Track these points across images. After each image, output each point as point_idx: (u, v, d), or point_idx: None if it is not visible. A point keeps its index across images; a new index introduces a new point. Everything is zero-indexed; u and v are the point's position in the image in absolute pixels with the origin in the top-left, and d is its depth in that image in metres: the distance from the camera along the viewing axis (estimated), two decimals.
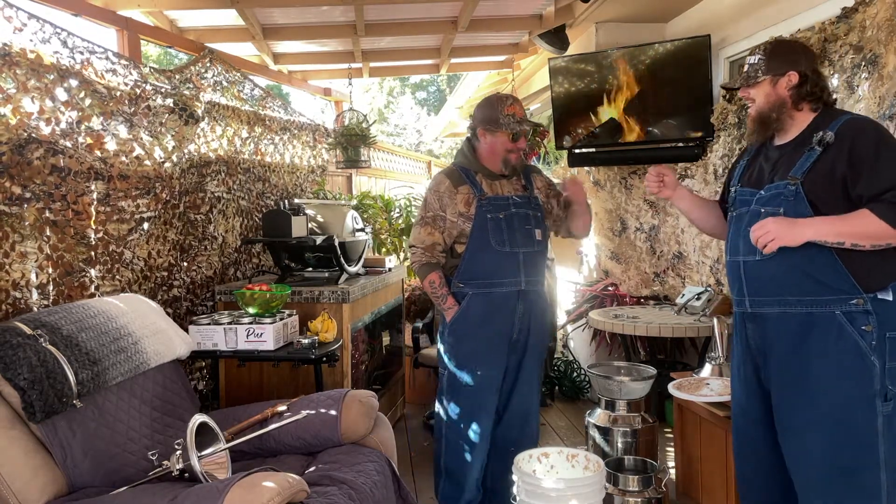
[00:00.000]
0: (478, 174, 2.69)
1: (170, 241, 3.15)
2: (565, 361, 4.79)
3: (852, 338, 1.86)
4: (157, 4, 3.36)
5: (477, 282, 2.63)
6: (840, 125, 1.91)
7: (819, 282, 1.89)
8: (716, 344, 3.01)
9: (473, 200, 2.62)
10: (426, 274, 2.67)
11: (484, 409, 2.66)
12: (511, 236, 2.61)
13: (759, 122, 2.05)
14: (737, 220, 2.09)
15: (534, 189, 2.77)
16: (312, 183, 4.88)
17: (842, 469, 1.89)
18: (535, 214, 2.70)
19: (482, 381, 2.63)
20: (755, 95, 2.05)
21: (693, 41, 3.77)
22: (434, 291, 2.67)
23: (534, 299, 2.70)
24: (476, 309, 2.63)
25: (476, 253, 2.62)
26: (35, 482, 1.81)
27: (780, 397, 2.01)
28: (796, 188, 1.91)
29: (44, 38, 2.43)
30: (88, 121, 2.58)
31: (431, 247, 2.66)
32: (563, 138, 4.30)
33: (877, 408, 1.86)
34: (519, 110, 2.66)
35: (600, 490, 2.30)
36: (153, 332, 2.37)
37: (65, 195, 2.46)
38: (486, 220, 2.60)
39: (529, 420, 2.77)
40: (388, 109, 21.47)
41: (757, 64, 2.03)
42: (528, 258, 2.65)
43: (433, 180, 2.73)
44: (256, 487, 1.62)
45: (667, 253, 4.25)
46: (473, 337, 2.63)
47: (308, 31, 4.10)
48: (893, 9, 2.44)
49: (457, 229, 2.64)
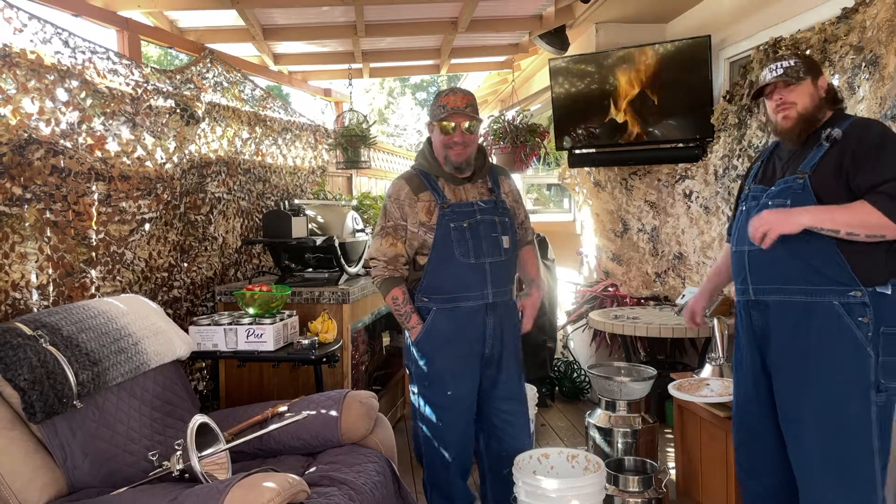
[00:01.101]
0: (439, 178, 2.47)
1: (170, 241, 3.15)
2: (565, 362, 4.78)
3: (849, 328, 1.91)
4: (157, 5, 3.36)
5: (441, 296, 2.41)
6: (848, 124, 1.99)
7: (819, 272, 1.94)
8: (716, 344, 3.00)
9: (435, 209, 2.41)
10: (389, 289, 2.45)
11: (457, 429, 2.49)
12: (477, 246, 2.39)
13: (804, 122, 2.04)
14: (746, 213, 2.15)
15: (501, 192, 2.54)
16: (313, 184, 4.88)
17: (839, 458, 1.94)
18: (502, 220, 2.47)
19: (453, 402, 2.46)
20: (796, 98, 2.03)
21: (693, 42, 3.77)
22: (397, 309, 2.47)
23: (504, 312, 2.50)
24: (441, 325, 2.42)
25: (439, 265, 2.40)
26: (35, 482, 1.81)
27: (780, 384, 2.07)
28: (804, 181, 1.97)
29: (45, 39, 2.43)
30: (90, 121, 2.59)
31: (394, 259, 2.45)
32: (563, 139, 4.30)
33: (871, 398, 1.91)
34: (454, 101, 2.39)
35: (600, 491, 2.30)
36: (153, 332, 2.37)
37: (66, 196, 2.46)
38: (450, 229, 2.38)
39: (517, 435, 2.57)
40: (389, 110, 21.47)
41: (797, 66, 2.03)
42: (496, 269, 2.43)
43: (392, 186, 2.50)
44: (257, 488, 1.62)
45: (667, 253, 4.25)
46: (441, 355, 2.43)
47: (308, 31, 4.10)
48: (893, 9, 2.44)
49: (418, 240, 2.42)
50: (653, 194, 4.28)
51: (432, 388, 2.47)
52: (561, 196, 6.22)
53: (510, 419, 2.55)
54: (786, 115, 2.05)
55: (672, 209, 4.16)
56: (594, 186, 4.52)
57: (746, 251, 2.11)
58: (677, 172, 4.06)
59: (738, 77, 3.49)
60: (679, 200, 4.07)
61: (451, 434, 2.49)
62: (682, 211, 4.07)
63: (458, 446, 2.51)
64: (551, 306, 4.64)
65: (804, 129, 2.04)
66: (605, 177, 4.45)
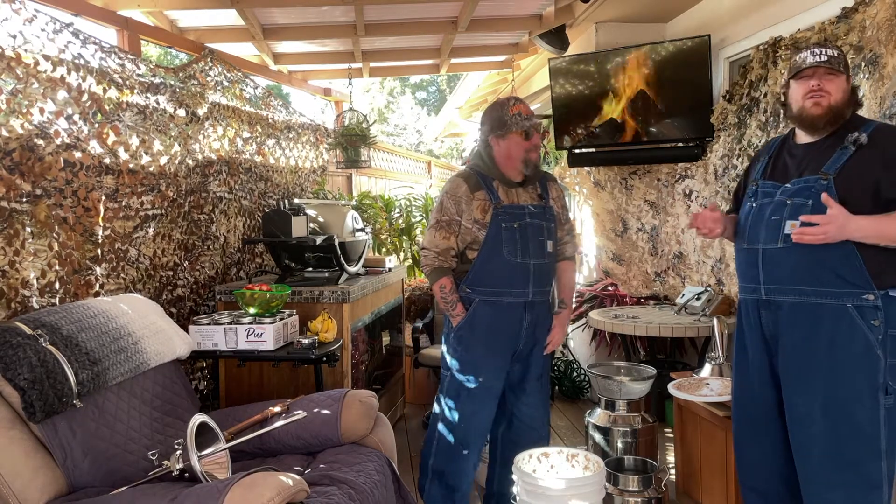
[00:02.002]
0: (495, 181, 2.62)
1: (175, 240, 3.16)
2: (565, 361, 4.79)
3: (861, 330, 1.91)
4: (157, 4, 3.36)
5: (485, 289, 2.58)
6: (873, 129, 1.96)
7: (836, 274, 1.93)
8: (716, 344, 3.01)
9: (489, 208, 2.56)
10: (437, 278, 2.62)
11: (481, 416, 2.64)
12: (524, 247, 2.56)
13: (833, 114, 1.99)
14: (758, 210, 2.11)
15: (549, 199, 2.70)
16: (313, 183, 4.88)
17: (847, 459, 1.94)
18: (548, 226, 2.65)
19: (482, 389, 2.60)
20: (833, 89, 1.99)
21: (693, 41, 3.77)
22: (444, 297, 2.62)
23: (541, 311, 2.66)
24: (483, 317, 2.58)
25: (487, 261, 2.57)
26: (35, 482, 1.81)
27: (790, 386, 2.05)
28: (828, 183, 1.95)
29: (56, 29, 2.43)
30: (98, 116, 2.59)
31: (445, 251, 2.61)
32: (563, 138, 4.30)
33: (880, 400, 1.91)
34: (524, 108, 2.61)
35: (600, 490, 2.30)
36: (153, 332, 2.37)
37: (75, 191, 2.47)
38: (501, 229, 2.55)
39: (537, 429, 2.74)
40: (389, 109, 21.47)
41: (839, 57, 1.99)
42: (539, 269, 2.60)
43: (450, 183, 2.66)
44: (256, 487, 1.62)
45: (667, 253, 4.25)
46: (478, 344, 2.59)
47: (308, 31, 4.10)
48: (893, 9, 2.44)
49: (470, 236, 2.58)
50: (652, 194, 4.28)
51: (466, 374, 2.61)
52: None
53: (533, 412, 2.72)
54: (818, 102, 1.98)
55: (672, 209, 4.17)
56: (594, 186, 4.52)
57: (760, 249, 2.07)
58: (677, 172, 4.06)
59: (738, 77, 3.49)
60: (679, 200, 4.08)
61: (477, 419, 2.64)
62: (681, 210, 4.07)
63: (479, 434, 2.66)
64: None
65: (831, 121, 2.00)
66: (605, 176, 4.45)
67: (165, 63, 12.90)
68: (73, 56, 2.51)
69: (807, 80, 2.02)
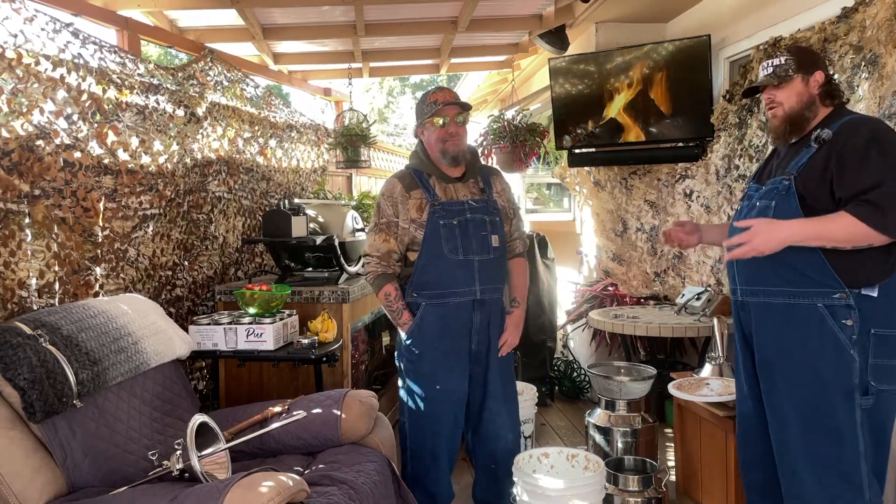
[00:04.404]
0: (431, 177, 2.54)
1: (174, 240, 3.16)
2: (565, 361, 4.78)
3: (832, 331, 1.90)
4: (157, 4, 3.36)
5: (431, 292, 2.49)
6: (840, 124, 1.93)
7: (803, 274, 1.93)
8: (716, 344, 3.01)
9: (426, 206, 2.48)
10: (381, 286, 2.52)
11: (445, 423, 2.56)
12: (466, 243, 2.47)
13: (790, 123, 2.02)
14: (740, 212, 2.15)
15: (492, 192, 2.62)
16: (313, 183, 4.88)
17: (823, 461, 1.93)
18: (492, 220, 2.55)
19: (441, 396, 2.53)
20: (783, 98, 2.02)
21: (693, 41, 3.77)
22: (389, 305, 2.53)
23: (492, 309, 2.56)
24: (430, 320, 2.49)
25: (429, 261, 2.47)
26: (35, 482, 1.81)
27: (765, 386, 2.07)
28: (790, 183, 1.95)
29: (55, 29, 2.43)
30: (97, 116, 2.59)
31: (387, 255, 2.52)
32: (563, 138, 4.30)
33: (855, 401, 1.89)
34: (443, 95, 2.50)
35: (600, 490, 2.30)
36: (153, 332, 2.37)
37: (74, 191, 2.47)
38: (439, 226, 2.46)
39: (503, 434, 2.64)
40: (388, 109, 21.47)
41: (786, 64, 2.02)
42: (484, 266, 2.50)
43: (386, 184, 2.58)
44: (257, 487, 1.62)
45: (667, 253, 4.25)
46: (431, 349, 2.51)
47: (308, 31, 4.10)
48: (893, 9, 2.44)
49: (409, 236, 2.50)
50: (652, 194, 4.28)
51: (423, 382, 2.54)
52: (561, 195, 6.22)
53: (495, 418, 2.63)
54: (774, 114, 2.05)
55: (672, 209, 4.17)
56: (594, 186, 4.52)
57: None
58: (677, 172, 4.06)
59: (739, 76, 3.49)
60: (679, 200, 4.08)
61: (441, 426, 2.57)
62: (682, 210, 4.07)
63: (447, 439, 2.59)
64: (551, 305, 4.65)
65: (789, 129, 2.03)
66: (605, 176, 4.45)
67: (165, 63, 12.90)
68: (73, 56, 2.51)
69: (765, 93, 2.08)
